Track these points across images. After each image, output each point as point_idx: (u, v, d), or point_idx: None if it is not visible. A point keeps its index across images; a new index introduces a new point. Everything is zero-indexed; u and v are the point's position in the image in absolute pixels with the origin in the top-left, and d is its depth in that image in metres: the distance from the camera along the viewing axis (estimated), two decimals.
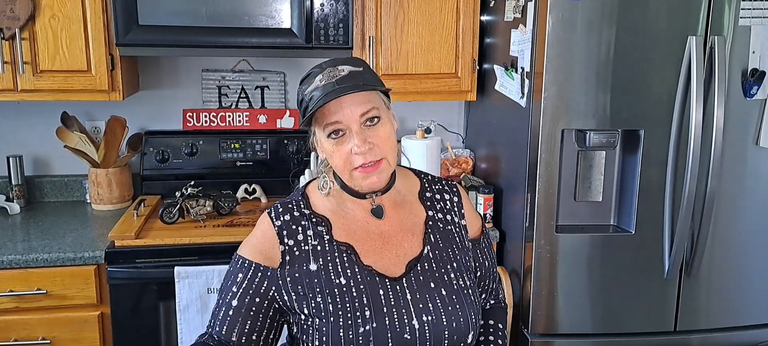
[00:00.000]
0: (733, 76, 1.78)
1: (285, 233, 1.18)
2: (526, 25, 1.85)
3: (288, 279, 1.15)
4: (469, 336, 1.17)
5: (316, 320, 1.13)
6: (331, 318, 1.12)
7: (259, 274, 1.16)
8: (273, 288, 1.15)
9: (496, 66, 2.13)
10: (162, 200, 2.34)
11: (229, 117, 2.50)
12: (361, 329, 1.10)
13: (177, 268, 1.90)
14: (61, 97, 2.07)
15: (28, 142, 2.42)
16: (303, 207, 1.21)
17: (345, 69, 1.11)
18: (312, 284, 1.14)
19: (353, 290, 1.14)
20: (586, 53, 1.73)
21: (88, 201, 2.41)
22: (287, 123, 2.53)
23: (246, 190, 2.39)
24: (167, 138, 2.42)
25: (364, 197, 1.21)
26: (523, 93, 1.88)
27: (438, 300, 1.16)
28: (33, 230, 2.11)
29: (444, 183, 1.32)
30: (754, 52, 1.78)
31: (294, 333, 1.20)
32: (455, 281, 1.19)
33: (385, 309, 1.13)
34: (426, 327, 1.13)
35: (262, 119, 2.51)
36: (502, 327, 1.34)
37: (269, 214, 1.21)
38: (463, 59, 2.25)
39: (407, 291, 1.16)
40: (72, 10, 2.00)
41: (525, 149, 1.87)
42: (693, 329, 1.93)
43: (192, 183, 2.16)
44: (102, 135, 2.39)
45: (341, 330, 1.11)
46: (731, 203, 1.86)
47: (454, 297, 1.17)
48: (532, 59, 1.82)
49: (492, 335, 1.31)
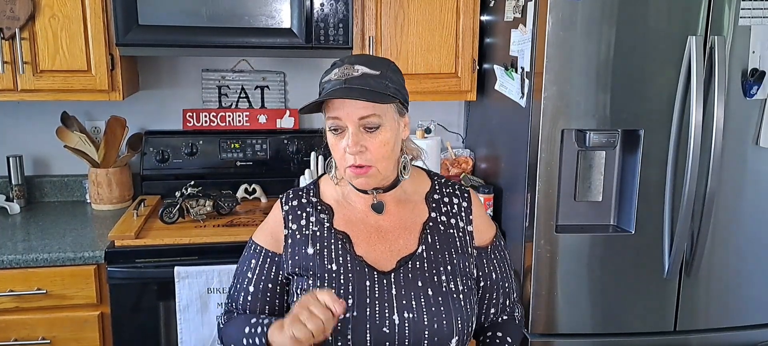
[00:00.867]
0: (733, 76, 1.78)
1: (290, 218, 1.26)
2: (526, 25, 1.85)
3: (289, 261, 1.23)
4: (452, 341, 1.17)
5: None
6: None
7: (269, 260, 1.25)
8: (281, 272, 1.25)
9: (496, 66, 2.14)
10: (162, 199, 2.34)
11: (229, 117, 2.50)
12: (341, 317, 1.13)
13: (177, 268, 1.90)
14: (61, 97, 2.07)
15: (28, 142, 2.42)
16: (312, 195, 1.29)
17: (359, 70, 1.14)
18: (307, 266, 1.21)
19: (342, 277, 1.18)
20: (586, 53, 1.73)
21: (88, 201, 2.42)
22: (287, 123, 2.53)
23: (246, 190, 2.39)
24: (167, 138, 2.42)
25: (366, 192, 1.24)
26: (523, 93, 1.88)
27: (422, 299, 1.17)
28: (33, 229, 2.11)
29: (456, 187, 1.33)
30: (754, 52, 1.78)
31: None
32: (445, 284, 1.20)
33: (369, 300, 1.16)
34: (406, 324, 1.15)
35: (262, 119, 2.51)
36: (511, 341, 1.33)
37: (281, 198, 1.30)
38: (463, 59, 2.25)
39: (393, 286, 1.18)
40: (72, 10, 2.00)
41: (525, 149, 1.87)
42: (693, 329, 1.93)
43: (192, 183, 2.16)
44: (102, 135, 2.39)
45: None
46: (731, 203, 1.86)
47: (439, 299, 1.18)
48: (532, 59, 1.82)
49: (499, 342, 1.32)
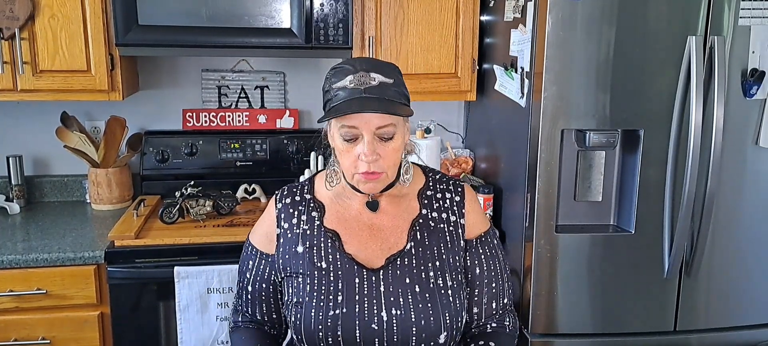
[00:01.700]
0: (733, 76, 1.78)
1: (282, 216, 1.28)
2: (525, 25, 1.85)
3: (280, 260, 1.26)
4: (441, 336, 1.17)
5: (294, 298, 1.21)
6: (307, 298, 1.18)
7: (263, 262, 1.29)
8: (274, 272, 1.28)
9: (495, 66, 2.13)
10: (162, 199, 2.34)
11: (229, 117, 2.49)
12: (331, 313, 1.16)
13: (177, 268, 1.90)
14: (61, 97, 2.07)
15: (27, 142, 2.42)
16: (306, 192, 1.30)
17: (376, 79, 1.14)
18: (297, 265, 1.22)
19: (331, 274, 1.20)
20: (585, 53, 1.73)
21: (87, 201, 2.42)
22: (287, 123, 2.53)
23: (246, 190, 2.39)
24: (167, 138, 2.42)
25: (361, 192, 1.25)
26: (523, 93, 1.88)
27: (410, 296, 1.17)
28: (33, 229, 2.11)
29: (449, 182, 1.33)
30: (753, 52, 1.78)
31: (287, 303, 1.27)
32: (433, 280, 1.20)
33: (357, 297, 1.17)
34: (394, 321, 1.15)
35: (261, 119, 2.51)
36: (500, 334, 1.28)
37: (276, 195, 1.32)
38: (463, 59, 2.25)
39: (382, 283, 1.19)
40: (71, 10, 2.00)
41: (525, 149, 1.87)
42: (693, 329, 1.93)
43: (192, 183, 2.16)
44: (102, 135, 2.39)
45: (313, 310, 1.17)
46: (731, 203, 1.86)
47: (427, 295, 1.18)
48: (531, 59, 1.82)
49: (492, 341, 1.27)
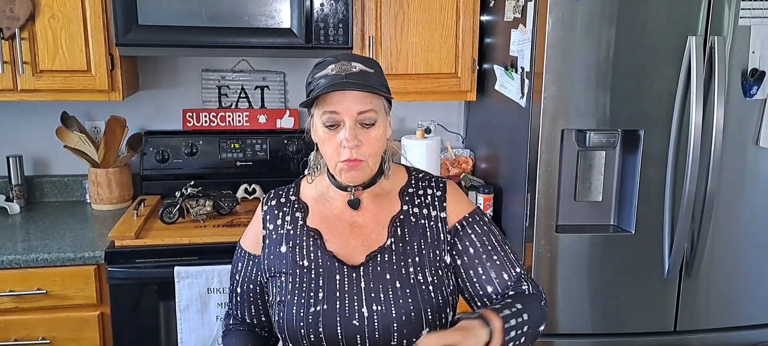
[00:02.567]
0: (733, 76, 1.78)
1: (268, 218, 1.29)
2: (525, 25, 1.85)
3: (266, 261, 1.26)
4: (423, 332, 1.16)
5: (278, 297, 1.21)
6: (289, 296, 1.19)
7: (250, 263, 1.30)
8: (260, 273, 1.28)
9: (495, 66, 2.13)
10: (162, 200, 2.34)
11: (229, 117, 2.49)
12: (312, 310, 1.17)
13: (177, 268, 1.90)
14: (61, 97, 2.07)
15: (28, 142, 2.42)
16: (291, 194, 1.31)
17: (357, 66, 1.16)
18: (280, 265, 1.23)
19: (312, 272, 1.21)
20: (586, 53, 1.73)
21: (87, 201, 2.41)
22: (287, 123, 2.53)
23: (246, 190, 2.39)
24: (167, 138, 2.42)
25: (346, 190, 1.25)
26: (523, 93, 1.88)
27: (390, 292, 1.17)
28: (33, 230, 2.11)
29: (431, 179, 1.32)
30: (753, 52, 1.78)
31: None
32: (414, 276, 1.19)
33: (338, 294, 1.18)
34: (375, 316, 1.16)
35: (261, 119, 2.51)
36: (521, 308, 1.13)
37: (263, 199, 1.33)
38: (463, 59, 2.25)
39: (362, 279, 1.19)
40: (72, 10, 2.00)
41: (525, 149, 1.87)
42: (693, 329, 1.93)
43: (192, 183, 2.16)
44: (102, 135, 2.39)
45: (295, 308, 1.18)
46: (731, 203, 1.86)
47: (407, 291, 1.18)
48: (531, 59, 1.82)
49: (508, 308, 1.14)
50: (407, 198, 1.28)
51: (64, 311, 1.91)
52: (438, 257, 1.23)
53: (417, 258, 1.22)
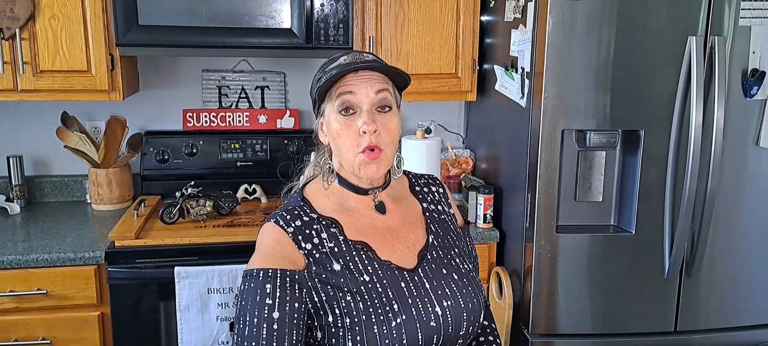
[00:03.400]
0: (733, 76, 1.78)
1: (300, 238, 1.14)
2: (526, 26, 1.85)
3: (316, 280, 1.12)
4: (481, 315, 1.21)
5: (347, 319, 1.11)
6: (363, 316, 1.10)
7: (288, 278, 1.09)
8: (305, 290, 1.11)
9: (496, 66, 2.13)
10: (162, 200, 2.34)
11: (229, 117, 2.49)
12: (393, 323, 1.11)
13: (177, 268, 1.89)
14: (61, 98, 2.07)
15: (28, 142, 2.42)
16: (308, 212, 1.19)
17: (369, 56, 1.17)
18: (339, 283, 1.13)
19: (378, 286, 1.14)
20: (586, 53, 1.73)
21: (88, 201, 2.41)
22: (287, 123, 2.53)
23: (246, 190, 2.39)
24: (167, 138, 2.42)
25: (365, 193, 1.22)
26: (523, 93, 1.88)
27: (453, 285, 1.19)
28: (33, 230, 2.11)
29: (427, 178, 1.37)
30: (754, 52, 1.78)
31: (320, 339, 1.15)
32: (462, 265, 1.24)
33: (410, 300, 1.15)
34: (448, 312, 1.16)
35: (262, 119, 2.51)
36: (495, 328, 1.36)
37: (277, 223, 1.16)
38: (463, 59, 2.25)
39: (424, 280, 1.18)
40: (72, 10, 2.00)
41: (525, 149, 1.87)
42: (693, 330, 1.93)
43: (192, 183, 2.16)
44: (102, 135, 2.39)
45: (375, 327, 1.10)
46: (731, 203, 1.86)
47: (465, 280, 1.21)
48: (532, 59, 1.82)
49: (491, 336, 1.33)
50: (420, 196, 1.31)
51: (64, 312, 1.91)
52: (466, 247, 1.31)
53: (455, 249, 1.26)
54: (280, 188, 1.36)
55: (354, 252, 1.16)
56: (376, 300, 1.12)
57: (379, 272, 1.16)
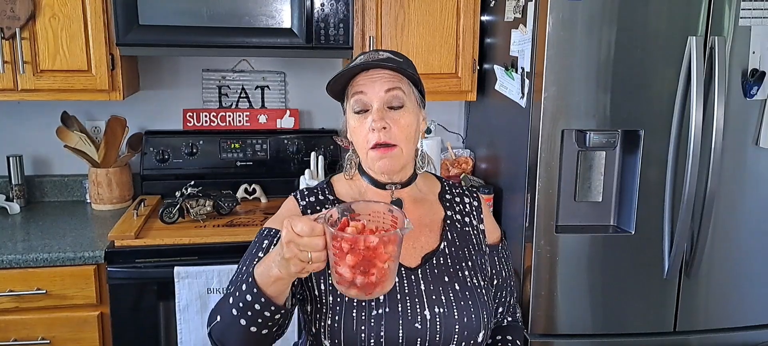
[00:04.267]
0: (733, 76, 1.78)
1: (309, 212, 1.23)
2: (526, 25, 1.85)
3: None
4: (479, 335, 1.18)
5: (330, 298, 1.15)
6: (346, 298, 1.14)
7: None
8: None
9: (496, 66, 2.14)
10: (162, 199, 2.34)
11: (229, 117, 2.50)
12: (374, 313, 1.13)
13: (177, 268, 1.90)
14: (61, 97, 2.07)
15: (28, 141, 2.42)
16: (327, 193, 1.27)
17: (385, 55, 1.19)
18: None
19: None
20: (586, 53, 1.73)
21: (88, 201, 2.42)
22: (287, 123, 2.53)
23: (246, 190, 2.39)
24: (167, 138, 2.42)
25: (384, 188, 1.24)
26: (523, 93, 1.88)
27: (451, 294, 1.18)
28: (33, 229, 2.11)
29: (464, 188, 1.37)
30: (754, 52, 1.78)
31: (308, 310, 1.20)
32: (469, 279, 1.22)
33: (399, 296, 1.15)
34: (437, 319, 1.15)
35: (262, 119, 2.51)
36: (519, 344, 1.34)
37: (295, 196, 1.28)
38: (464, 59, 2.25)
39: (421, 282, 1.18)
40: (72, 9, 2.00)
41: (525, 149, 1.87)
42: (693, 330, 1.93)
43: (192, 183, 2.16)
44: (102, 135, 2.39)
45: (354, 312, 1.13)
46: (731, 203, 1.86)
47: (467, 293, 1.19)
48: (532, 59, 1.82)
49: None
50: (448, 204, 1.31)
51: (63, 311, 1.91)
52: (484, 265, 1.28)
53: (469, 262, 1.24)
54: (279, 187, 1.37)
55: None
56: None
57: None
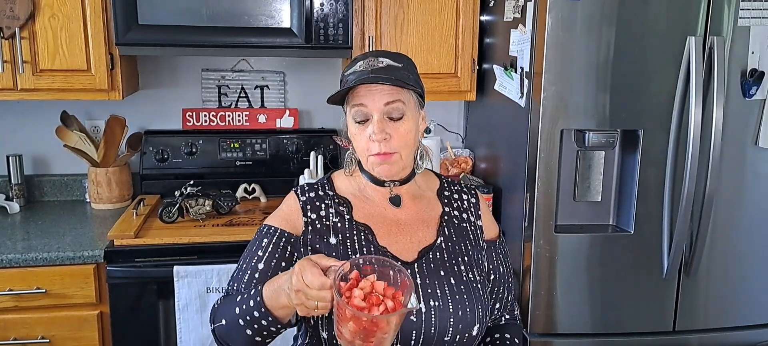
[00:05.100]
0: (733, 76, 1.79)
1: (308, 207, 1.26)
2: (525, 25, 1.85)
3: (309, 248, 1.22)
4: (474, 328, 1.19)
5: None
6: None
7: (284, 239, 1.23)
8: (295, 254, 1.23)
9: (495, 66, 2.14)
10: (161, 199, 2.34)
11: (229, 117, 2.50)
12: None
13: (176, 267, 1.90)
14: (61, 97, 2.07)
15: (27, 141, 2.42)
16: (327, 189, 1.29)
17: (384, 61, 1.19)
18: (329, 256, 1.16)
19: None
20: (585, 53, 1.73)
21: (87, 200, 2.42)
22: (287, 123, 2.53)
23: (245, 189, 2.39)
24: (167, 137, 2.42)
25: (383, 185, 1.26)
26: (523, 93, 1.88)
27: (446, 288, 1.19)
28: (32, 229, 2.11)
29: (463, 185, 1.38)
30: (753, 52, 1.78)
31: None
32: (465, 274, 1.23)
33: None
34: (432, 312, 1.16)
35: (261, 119, 2.51)
36: (518, 343, 1.35)
37: (295, 191, 1.30)
38: (463, 59, 2.25)
39: (418, 276, 1.19)
40: (72, 9, 2.00)
41: (524, 149, 1.87)
42: (692, 329, 1.93)
43: (191, 182, 2.16)
44: (101, 134, 2.39)
45: None
46: (730, 203, 1.86)
47: (462, 288, 1.20)
48: (531, 59, 1.82)
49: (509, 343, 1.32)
50: (446, 200, 1.32)
51: (63, 310, 1.91)
52: (480, 261, 1.28)
53: (466, 258, 1.25)
54: (279, 187, 1.38)
55: (355, 232, 1.23)
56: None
57: (373, 255, 1.19)
